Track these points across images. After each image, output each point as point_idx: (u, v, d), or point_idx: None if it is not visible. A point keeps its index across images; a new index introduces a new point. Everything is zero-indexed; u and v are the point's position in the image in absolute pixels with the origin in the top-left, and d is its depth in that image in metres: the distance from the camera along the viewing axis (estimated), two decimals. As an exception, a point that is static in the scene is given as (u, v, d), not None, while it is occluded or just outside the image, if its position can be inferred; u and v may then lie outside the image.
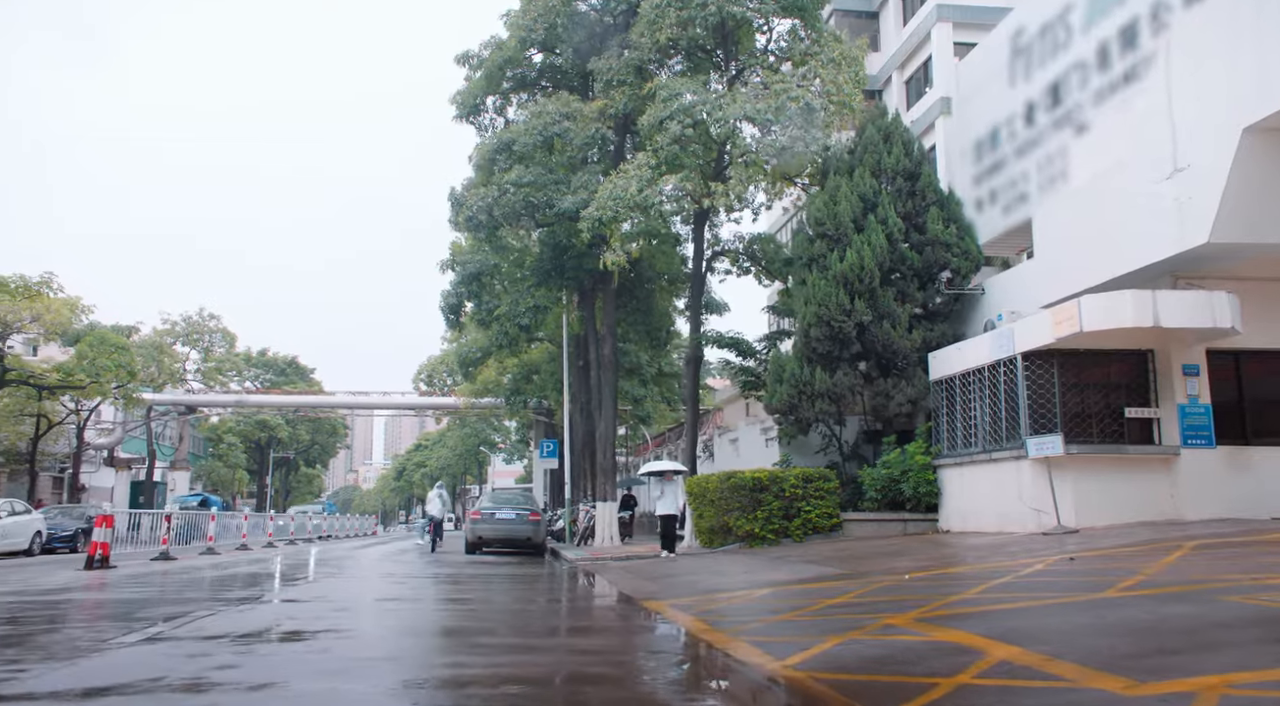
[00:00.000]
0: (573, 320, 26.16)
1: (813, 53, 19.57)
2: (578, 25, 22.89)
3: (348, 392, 49.56)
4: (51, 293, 27.64)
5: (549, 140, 21.65)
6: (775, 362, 18.36)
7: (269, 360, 63.41)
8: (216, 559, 18.46)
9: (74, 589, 11.04)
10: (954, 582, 8.49)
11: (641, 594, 10.01)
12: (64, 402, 33.40)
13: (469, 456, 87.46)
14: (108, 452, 41.13)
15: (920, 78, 33.97)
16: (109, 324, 37.35)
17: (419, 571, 15.18)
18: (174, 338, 41.57)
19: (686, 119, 18.46)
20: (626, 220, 18.76)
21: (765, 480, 17.18)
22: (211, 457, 55.96)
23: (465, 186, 26.74)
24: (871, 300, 16.63)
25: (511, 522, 21.52)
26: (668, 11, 19.36)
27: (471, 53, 26.06)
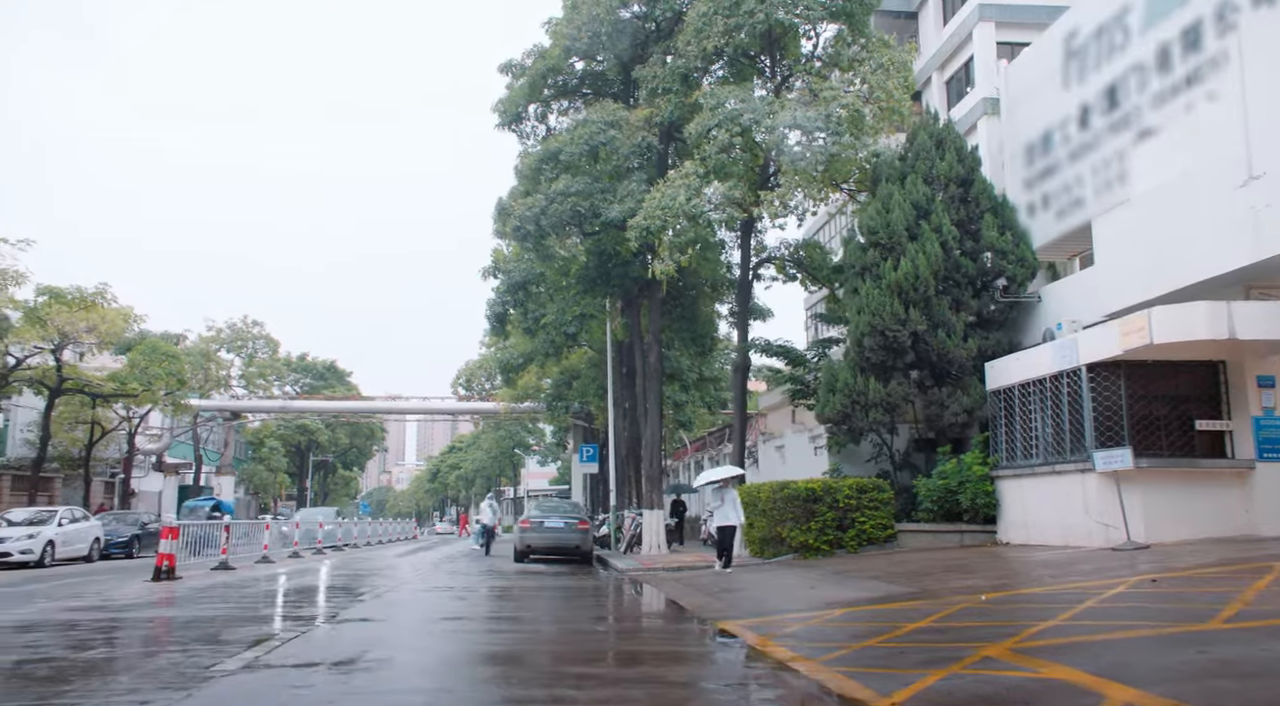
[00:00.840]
0: (616, 327, 26.22)
1: (861, 58, 19.43)
2: (621, 33, 22.91)
3: (387, 398, 50.05)
4: (105, 303, 28.18)
5: (594, 149, 21.69)
6: (827, 372, 18.24)
7: (308, 364, 64.23)
8: (273, 569, 18.70)
9: (152, 604, 11.23)
10: (1035, 606, 8.36)
11: (711, 612, 9.98)
12: (116, 410, 34.05)
13: (503, 458, 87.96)
14: (156, 458, 41.87)
15: (961, 78, 33.60)
16: (158, 332, 38.05)
17: (475, 584, 15.26)
18: (219, 344, 42.24)
19: (734, 127, 18.41)
20: (674, 229, 18.69)
21: (819, 491, 17.08)
22: (253, 461, 56.80)
23: (509, 195, 26.92)
24: (926, 309, 16.46)
25: (560, 531, 21.59)
26: (715, 20, 19.32)
27: (514, 62, 26.24)
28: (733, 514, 15.77)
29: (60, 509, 24.38)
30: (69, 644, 7.80)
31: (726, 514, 15.82)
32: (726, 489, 16.18)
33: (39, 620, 9.53)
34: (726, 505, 15.87)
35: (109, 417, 34.18)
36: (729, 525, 15.86)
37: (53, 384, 28.41)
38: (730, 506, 15.79)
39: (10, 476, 32.10)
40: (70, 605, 11.04)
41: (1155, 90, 14.92)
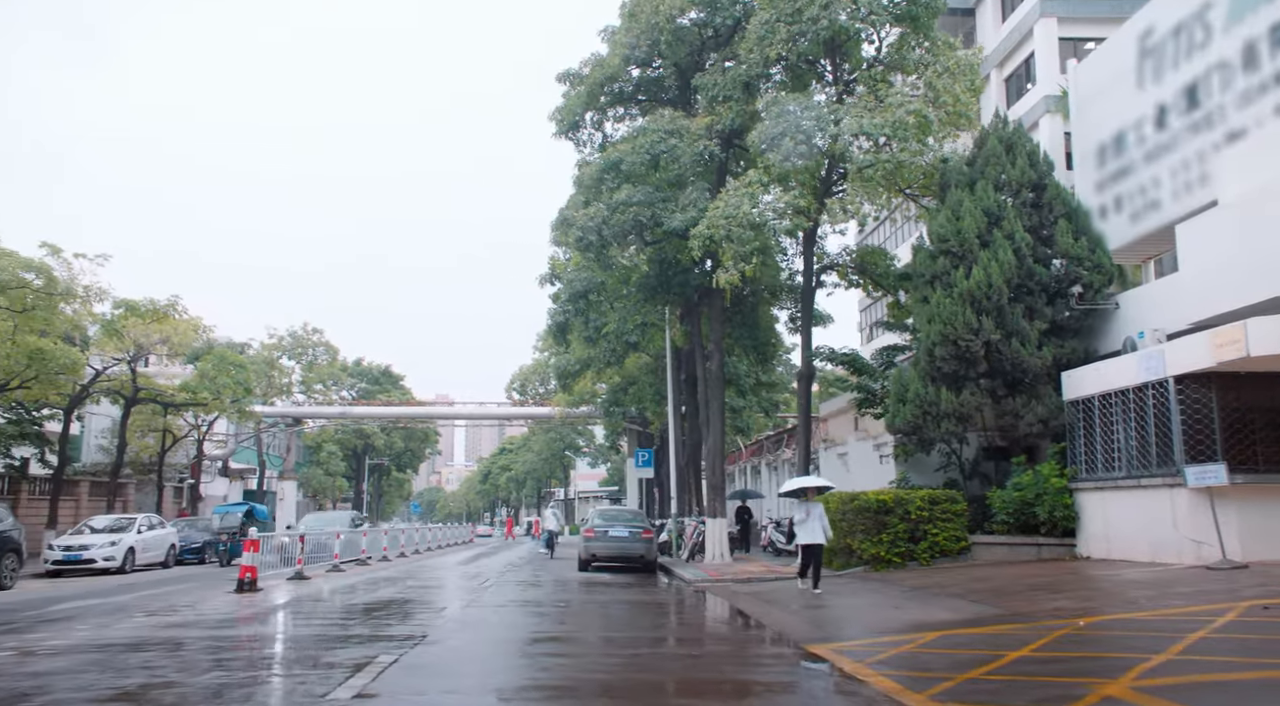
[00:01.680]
0: (676, 334, 26.21)
1: (926, 62, 19.17)
2: (681, 41, 22.89)
3: (442, 402, 50.73)
4: (176, 315, 28.95)
5: (655, 158, 21.70)
6: (896, 381, 18.02)
7: (364, 369, 65.35)
8: (345, 579, 19.03)
9: (245, 621, 11.51)
10: (1141, 634, 8.15)
11: (796, 632, 9.92)
12: (185, 418, 35.00)
13: (554, 460, 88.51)
14: (222, 463, 42.94)
15: (1021, 75, 32.98)
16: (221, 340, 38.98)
17: (551, 598, 15.37)
18: (281, 352, 43.15)
19: (799, 135, 18.27)
20: (738, 238, 18.60)
21: (890, 502, 16.90)
22: (312, 465, 57.96)
23: (568, 204, 27.06)
24: (999, 318, 16.18)
25: (625, 540, 21.65)
26: (778, 27, 19.18)
27: (572, 71, 26.34)
28: (818, 529, 14.23)
29: (139, 516, 25.15)
30: (181, 666, 8.02)
31: (812, 529, 14.20)
32: (811, 502, 14.50)
33: (145, 637, 9.82)
34: (812, 520, 14.22)
35: (179, 425, 35.14)
36: (815, 543, 14.19)
37: (128, 393, 29.28)
38: (816, 521, 14.24)
39: (88, 482, 33.13)
40: (169, 621, 11.35)
41: (1242, 89, 14.47)
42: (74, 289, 22.57)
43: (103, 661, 8.16)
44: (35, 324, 21.27)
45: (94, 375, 26.70)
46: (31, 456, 30.45)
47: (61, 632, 10.31)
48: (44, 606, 13.93)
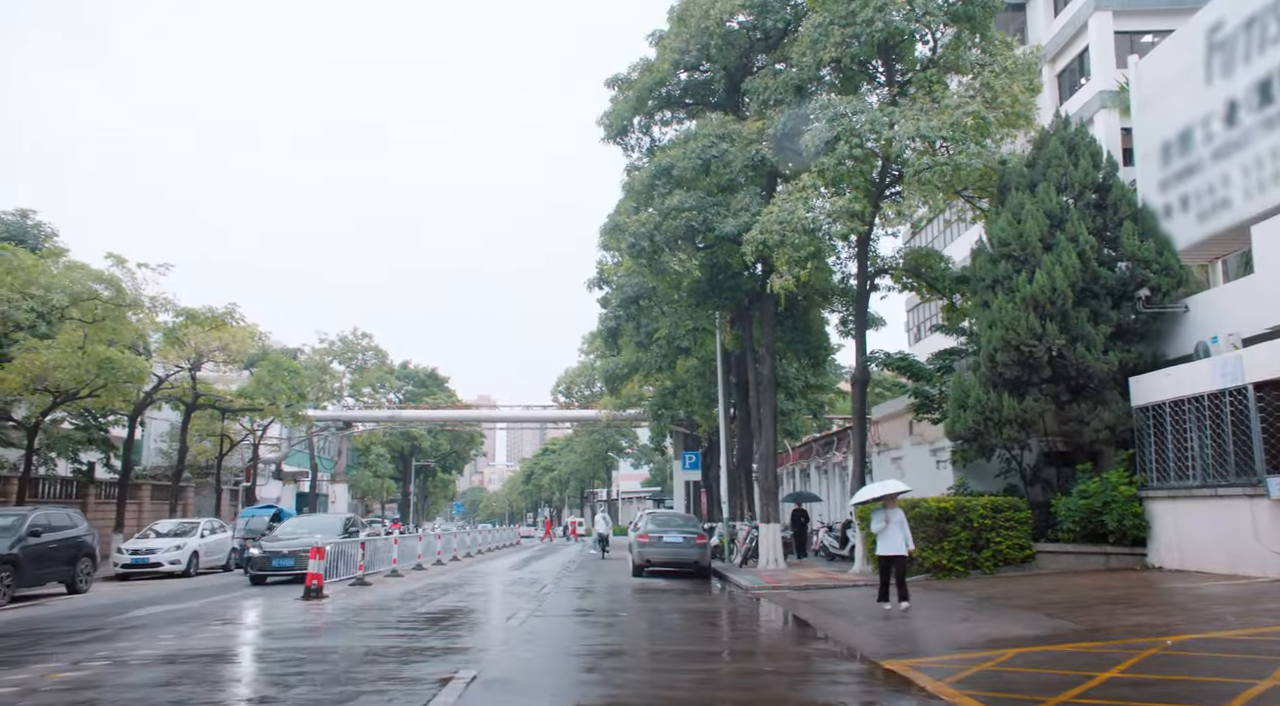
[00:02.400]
0: (726, 338, 26.14)
1: (983, 62, 18.88)
2: (731, 45, 22.81)
3: (488, 406, 51.10)
4: (234, 322, 29.55)
5: (706, 163, 21.65)
6: (956, 387, 17.77)
7: (410, 372, 66.19)
8: (405, 585, 19.27)
9: (318, 629, 11.70)
10: (1237, 657, 7.95)
11: (867, 647, 9.83)
12: (241, 422, 35.73)
13: (597, 461, 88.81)
14: (276, 466, 43.78)
15: (1075, 70, 32.34)
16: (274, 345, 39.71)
17: (610, 607, 15.44)
18: (331, 356, 43.85)
19: (854, 139, 18.11)
20: (793, 244, 18.49)
21: (951, 510, 16.70)
22: (361, 467, 58.84)
23: (617, 209, 27.11)
24: (1064, 323, 15.88)
25: (678, 546, 21.65)
26: (831, 30, 19.02)
27: (621, 76, 26.41)
28: (900, 539, 12.61)
29: (201, 521, 25.71)
30: (270, 679, 8.19)
31: (893, 539, 12.61)
32: (890, 508, 12.83)
33: (228, 647, 10.06)
34: (892, 528, 12.62)
35: (235, 430, 35.89)
36: (897, 554, 12.61)
37: (189, 400, 29.96)
38: (897, 529, 12.63)
39: (150, 486, 33.97)
40: (247, 630, 11.59)
41: (1318, 86, 14.05)
42: (140, 299, 23.16)
43: (194, 673, 8.37)
44: (104, 334, 21.87)
45: (157, 382, 27.36)
46: (97, 461, 31.31)
47: (147, 641, 10.58)
48: (123, 612, 14.30)
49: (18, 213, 30.55)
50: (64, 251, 22.55)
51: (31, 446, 24.19)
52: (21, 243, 28.85)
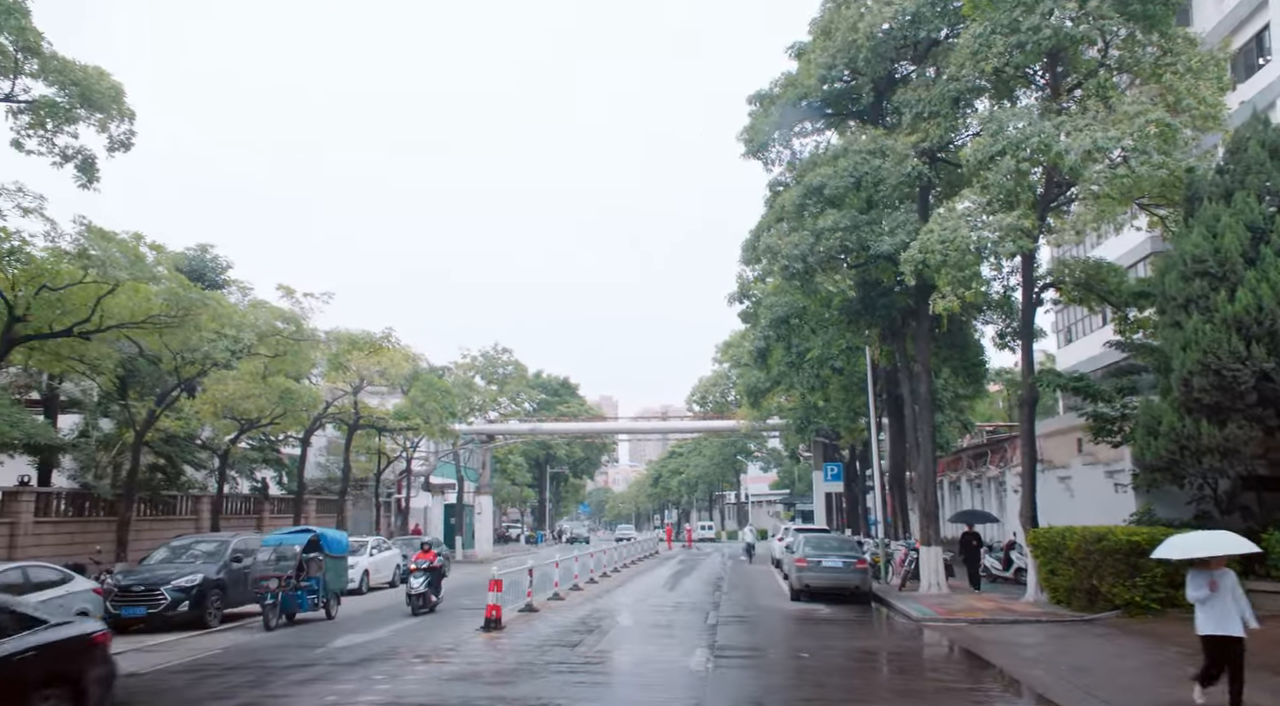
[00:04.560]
0: (877, 355, 25.54)
1: (1165, 63, 17.71)
2: (880, 57, 22.24)
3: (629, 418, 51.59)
4: (390, 345, 30.97)
5: (858, 180, 21.21)
6: (1145, 412, 16.75)
7: (543, 381, 67.80)
8: (572, 611, 19.65)
9: (518, 672, 12.07)
10: None
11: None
12: (395, 439, 37.45)
13: (725, 464, 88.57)
14: (424, 479, 45.66)
15: (1252, 50, 30.02)
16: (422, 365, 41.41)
17: (784, 640, 15.33)
18: (474, 371, 45.38)
19: (1021, 152, 17.31)
20: (957, 263, 17.85)
21: (1144, 543, 15.71)
22: (499, 475, 60.71)
23: (759, 226, 26.90)
24: (1272, 344, 14.70)
25: (839, 571, 21.27)
26: (993, 40, 18.27)
27: (764, 92, 26.23)
28: (1234, 614, 8.99)
29: (370, 539, 27.05)
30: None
31: (1224, 613, 9.03)
32: (1218, 570, 9.16)
33: (443, 695, 10.46)
34: (1222, 597, 9.05)
35: (390, 446, 37.65)
36: (1232, 636, 8.99)
37: (350, 421, 31.60)
38: (1228, 599, 9.03)
39: (315, 500, 35.97)
40: (449, 671, 12.06)
41: None
42: (317, 335, 24.60)
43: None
44: (284, 366, 23.35)
45: (325, 406, 28.96)
46: (270, 477, 33.44)
47: (362, 682, 11.17)
48: (317, 642, 15.16)
49: (198, 247, 32.92)
50: (250, 288, 24.22)
51: (224, 470, 26.06)
52: (201, 276, 31.14)
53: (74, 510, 23.25)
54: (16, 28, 13.58)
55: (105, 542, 23.36)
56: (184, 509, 27.78)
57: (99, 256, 15.54)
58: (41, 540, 21.71)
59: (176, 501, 27.43)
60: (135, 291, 16.93)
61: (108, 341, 18.86)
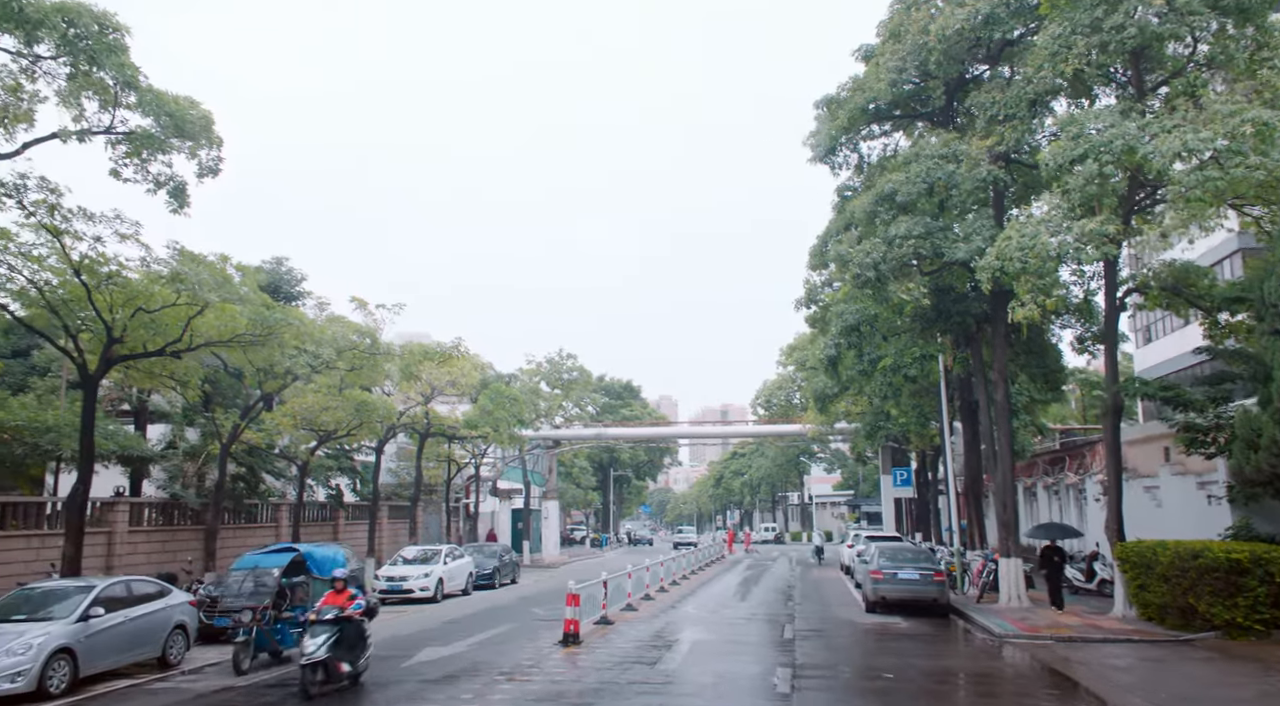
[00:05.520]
0: (950, 361, 25.06)
1: (1261, 57, 16.99)
2: (952, 59, 21.80)
3: (689, 422, 51.50)
4: (459, 355, 31.42)
5: (931, 186, 20.82)
6: (1243, 424, 16.12)
7: (606, 385, 68.13)
8: (646, 624, 19.68)
9: (608, 692, 12.14)
10: None
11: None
12: (464, 446, 38.02)
13: (789, 466, 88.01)
14: (492, 484, 46.24)
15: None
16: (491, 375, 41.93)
17: (862, 661, 15.13)
18: (539, 377, 45.80)
19: (1105, 156, 16.77)
20: (1037, 271, 17.38)
21: (1245, 561, 15.14)
22: (565, 479, 61.21)
23: (826, 230, 26.64)
24: (1382, 354, 14.03)
25: (915, 583, 20.93)
26: (1073, 40, 17.77)
27: (830, 96, 25.97)
28: None
29: (443, 547, 27.52)
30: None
31: None
32: None
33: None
34: None
35: (458, 453, 38.25)
36: None
37: (422, 429, 32.17)
38: None
39: (388, 506, 36.70)
40: (536, 690, 12.20)
41: None
42: (392, 349, 25.12)
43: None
44: (361, 379, 23.91)
45: (399, 415, 29.53)
46: (344, 484, 34.24)
47: (449, 703, 11.36)
48: (406, 653, 15.47)
49: (274, 260, 33.88)
50: (328, 303, 24.84)
51: (303, 480, 26.79)
52: (278, 289, 32.03)
53: (164, 519, 24.12)
54: (117, 63, 14.14)
55: (192, 550, 24.19)
56: (264, 516, 28.61)
57: (190, 279, 16.07)
58: (135, 548, 22.58)
59: (257, 509, 28.26)
60: (222, 311, 17.47)
61: (195, 358, 19.53)
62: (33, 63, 14.43)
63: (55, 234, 16.05)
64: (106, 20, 14.34)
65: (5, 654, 11.60)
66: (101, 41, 14.19)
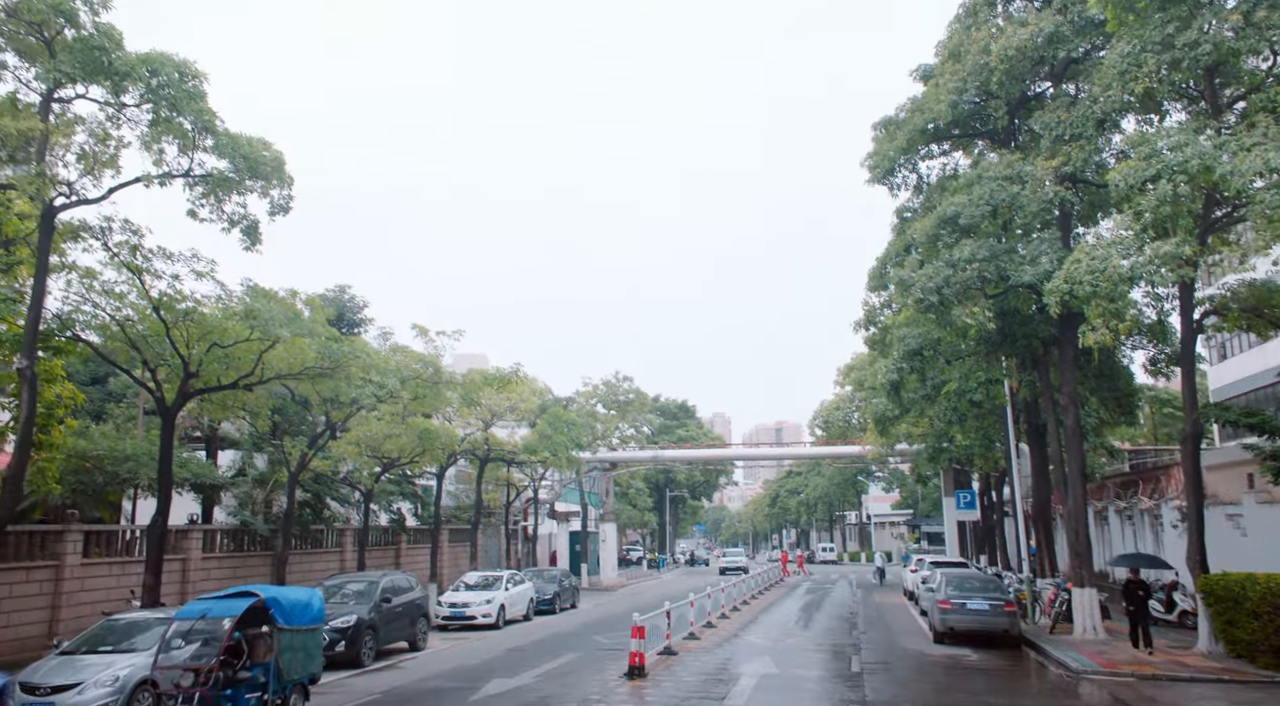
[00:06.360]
0: (1016, 384, 24.52)
1: (1344, 71, 16.41)
2: (1015, 79, 21.47)
3: (743, 445, 51.15)
4: (518, 380, 31.70)
5: (994, 208, 20.48)
6: (1335, 453, 15.44)
7: (662, 405, 68.13)
8: (711, 654, 19.54)
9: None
10: None
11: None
12: (523, 470, 38.29)
13: (846, 485, 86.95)
14: (550, 507, 46.45)
15: None
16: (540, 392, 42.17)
17: (939, 701, 14.78)
18: (596, 399, 45.97)
19: (1180, 176, 16.30)
20: (1109, 294, 16.94)
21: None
22: (621, 500, 61.22)
23: (885, 251, 26.35)
24: None
25: (985, 614, 20.41)
26: (1143, 59, 17.37)
27: (890, 117, 25.79)
28: None
29: (504, 573, 27.67)
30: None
31: None
32: None
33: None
34: None
35: (518, 477, 38.54)
36: None
37: (482, 454, 32.49)
38: None
39: (448, 530, 37.07)
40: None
41: None
42: (455, 378, 25.49)
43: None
44: (424, 407, 24.29)
45: (460, 440, 29.89)
46: (406, 509, 34.71)
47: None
48: (472, 685, 15.55)
49: (337, 288, 34.70)
50: (391, 332, 25.34)
51: (368, 507, 27.24)
52: (341, 316, 32.74)
53: (234, 545, 24.69)
54: (196, 109, 14.69)
55: (260, 575, 24.71)
56: (329, 542, 29.11)
57: (263, 315, 16.52)
58: (208, 575, 23.15)
59: (322, 535, 28.77)
60: (293, 345, 17.92)
61: (264, 389, 20.04)
62: (118, 111, 15.04)
63: (136, 272, 16.70)
64: (186, 68, 14.90)
65: (94, 685, 11.96)
66: (182, 89, 14.74)
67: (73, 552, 18.92)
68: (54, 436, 17.34)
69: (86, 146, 15.20)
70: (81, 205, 15.39)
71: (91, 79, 14.19)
